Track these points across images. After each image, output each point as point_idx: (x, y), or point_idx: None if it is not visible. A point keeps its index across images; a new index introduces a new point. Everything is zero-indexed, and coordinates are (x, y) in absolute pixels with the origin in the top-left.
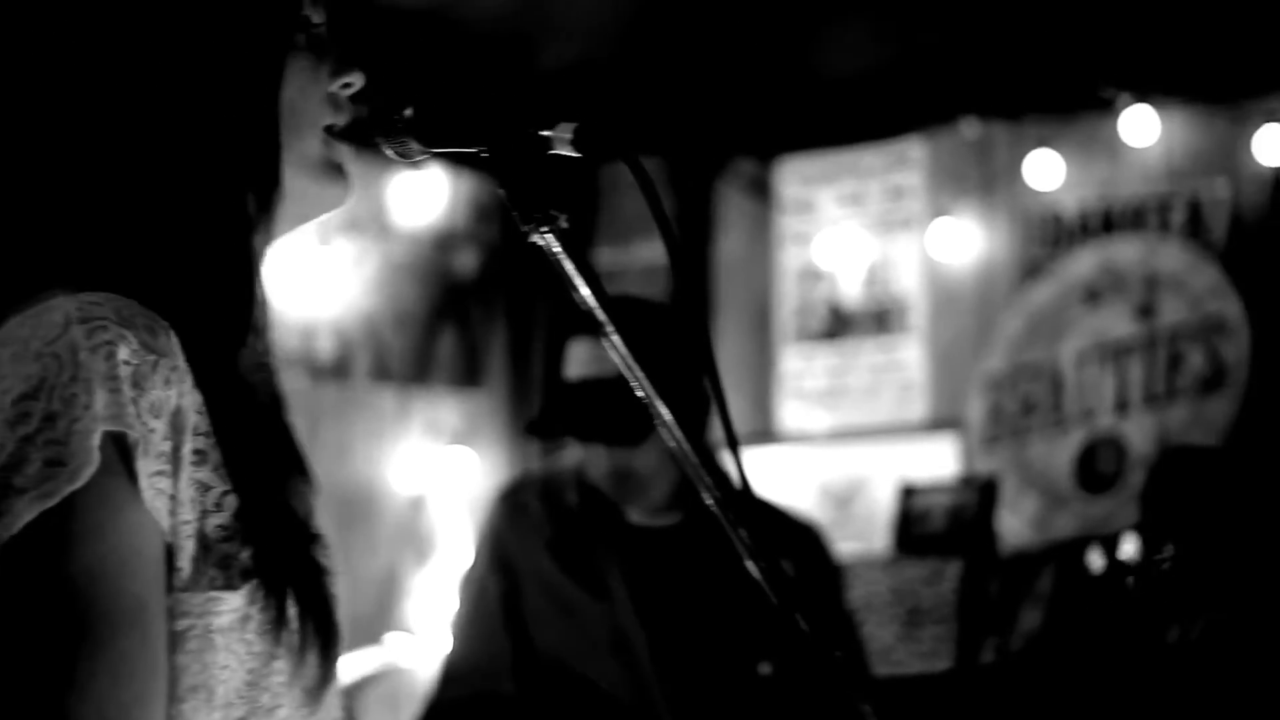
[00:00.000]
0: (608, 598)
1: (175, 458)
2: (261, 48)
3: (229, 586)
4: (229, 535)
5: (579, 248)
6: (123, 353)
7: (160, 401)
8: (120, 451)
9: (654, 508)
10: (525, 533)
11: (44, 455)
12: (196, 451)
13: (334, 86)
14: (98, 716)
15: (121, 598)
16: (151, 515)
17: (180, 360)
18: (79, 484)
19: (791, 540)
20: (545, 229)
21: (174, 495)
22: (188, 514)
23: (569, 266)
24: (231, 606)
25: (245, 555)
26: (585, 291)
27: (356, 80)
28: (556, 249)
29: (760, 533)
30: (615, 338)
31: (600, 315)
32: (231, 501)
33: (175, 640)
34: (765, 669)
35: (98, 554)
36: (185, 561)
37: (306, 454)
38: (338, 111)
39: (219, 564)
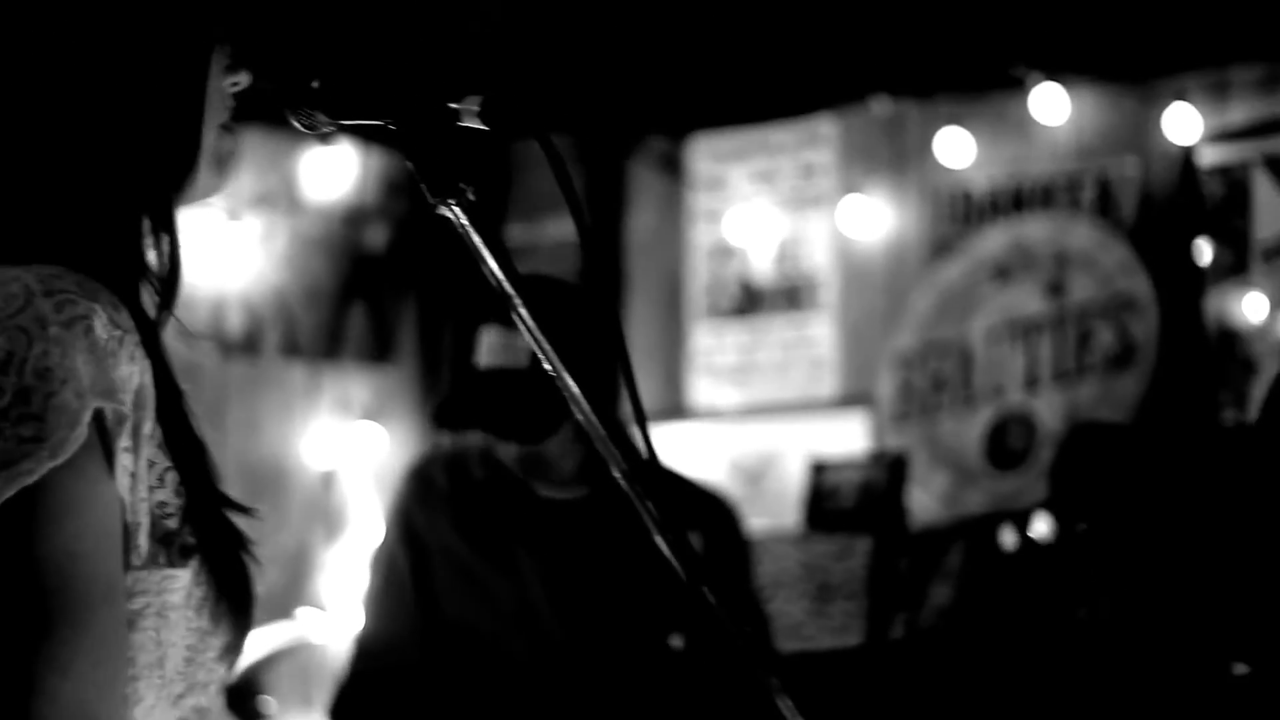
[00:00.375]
0: (515, 572)
1: (137, 435)
2: (191, 42)
3: (173, 564)
4: (171, 512)
5: (488, 221)
6: (97, 327)
7: (127, 377)
8: (99, 427)
9: (561, 481)
10: (432, 507)
11: (19, 431)
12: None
13: (224, 83)
14: (76, 697)
15: (97, 578)
16: (118, 492)
17: (138, 336)
18: (61, 460)
19: (701, 512)
20: (453, 202)
21: (134, 472)
22: (144, 491)
23: (477, 240)
24: (182, 583)
25: (186, 531)
26: (493, 266)
27: (244, 80)
28: (464, 222)
29: (668, 505)
30: (523, 312)
31: (508, 290)
32: (172, 478)
33: (132, 618)
34: (677, 642)
35: (74, 533)
36: (143, 539)
37: (212, 429)
38: (228, 107)
39: (162, 540)
